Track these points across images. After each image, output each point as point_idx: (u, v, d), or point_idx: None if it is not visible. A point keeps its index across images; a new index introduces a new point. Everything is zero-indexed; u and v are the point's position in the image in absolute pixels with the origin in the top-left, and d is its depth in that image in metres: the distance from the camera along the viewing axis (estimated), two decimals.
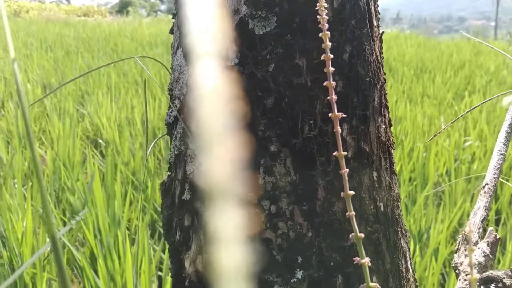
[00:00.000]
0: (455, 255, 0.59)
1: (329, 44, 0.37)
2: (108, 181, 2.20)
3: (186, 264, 0.54)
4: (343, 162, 0.37)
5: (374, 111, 0.54)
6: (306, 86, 0.51)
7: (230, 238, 0.12)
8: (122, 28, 11.34)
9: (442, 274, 1.94)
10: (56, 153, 2.76)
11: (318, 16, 0.37)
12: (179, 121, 0.57)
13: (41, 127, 3.59)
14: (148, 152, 0.53)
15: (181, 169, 0.56)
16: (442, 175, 2.87)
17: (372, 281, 0.51)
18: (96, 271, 1.64)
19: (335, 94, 0.42)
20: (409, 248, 0.57)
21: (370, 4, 0.56)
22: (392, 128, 0.92)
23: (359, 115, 0.53)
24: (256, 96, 0.52)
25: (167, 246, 1.76)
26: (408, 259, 0.56)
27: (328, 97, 0.51)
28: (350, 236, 0.35)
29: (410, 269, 0.57)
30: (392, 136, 0.59)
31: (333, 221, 0.50)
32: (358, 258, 0.35)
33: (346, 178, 0.36)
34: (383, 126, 0.56)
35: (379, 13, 0.60)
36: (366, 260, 0.35)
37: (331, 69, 0.37)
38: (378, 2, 0.59)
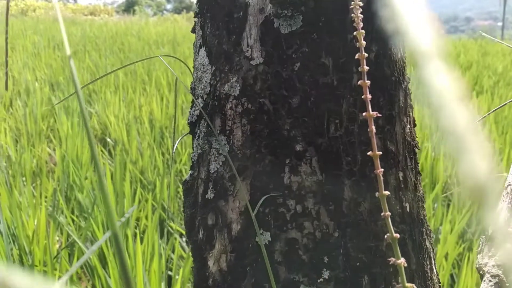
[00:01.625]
0: (479, 256, 0.58)
1: (364, 43, 0.37)
2: (117, 180, 2.20)
3: (210, 263, 0.54)
4: (377, 162, 0.36)
5: (399, 110, 0.54)
6: (332, 85, 0.51)
7: None
8: (129, 27, 11.36)
9: (451, 275, 1.93)
10: (65, 151, 2.77)
11: (352, 15, 0.36)
12: (202, 120, 0.56)
13: (49, 125, 3.60)
14: (174, 150, 0.52)
15: (204, 168, 0.56)
16: (451, 176, 2.86)
17: (398, 282, 0.50)
18: (105, 269, 1.65)
19: (362, 93, 0.42)
20: (433, 249, 0.57)
21: None
22: None
23: (385, 115, 0.52)
24: (282, 95, 0.51)
25: (175, 245, 1.76)
26: (432, 259, 0.56)
27: (354, 97, 0.51)
28: (386, 236, 0.35)
29: (435, 270, 0.56)
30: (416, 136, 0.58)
31: (360, 221, 0.50)
32: (393, 259, 0.35)
33: (381, 178, 0.35)
34: (408, 126, 0.55)
35: None
36: (402, 261, 0.35)
37: (366, 68, 0.37)
38: None
